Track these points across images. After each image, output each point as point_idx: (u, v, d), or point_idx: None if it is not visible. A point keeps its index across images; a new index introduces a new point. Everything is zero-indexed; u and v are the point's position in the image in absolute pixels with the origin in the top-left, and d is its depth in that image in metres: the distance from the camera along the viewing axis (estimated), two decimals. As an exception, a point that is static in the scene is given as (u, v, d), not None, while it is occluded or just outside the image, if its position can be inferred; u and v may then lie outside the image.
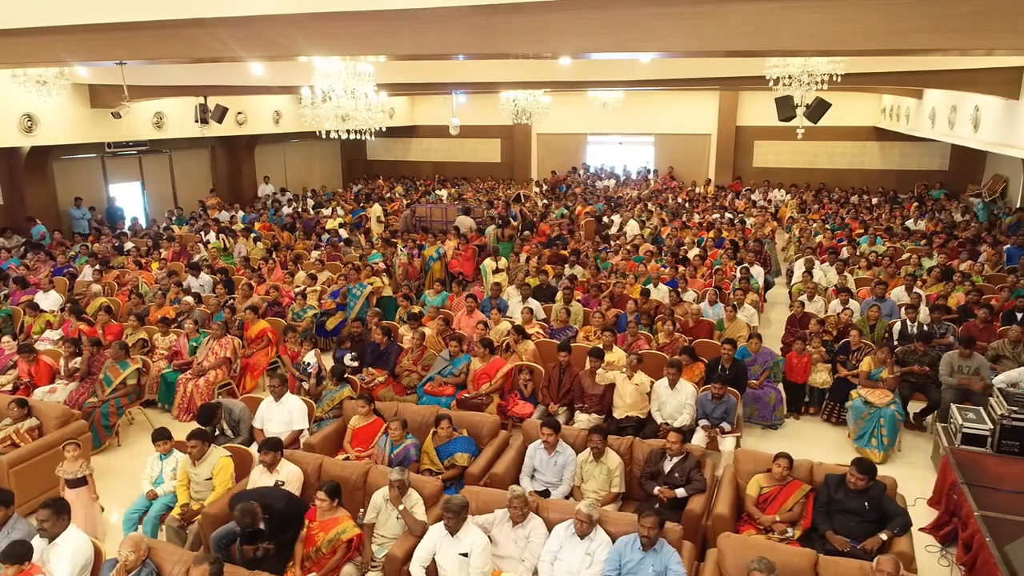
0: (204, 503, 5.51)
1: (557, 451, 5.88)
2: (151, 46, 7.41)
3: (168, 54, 6.67)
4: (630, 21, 4.38)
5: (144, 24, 7.12)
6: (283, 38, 6.91)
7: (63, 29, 7.48)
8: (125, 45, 7.57)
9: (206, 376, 8.29)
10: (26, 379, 7.91)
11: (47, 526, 4.44)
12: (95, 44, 7.70)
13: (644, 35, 4.41)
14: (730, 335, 8.71)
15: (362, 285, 10.44)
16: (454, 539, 4.65)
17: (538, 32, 4.76)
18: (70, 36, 7.61)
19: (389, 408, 6.70)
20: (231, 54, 6.29)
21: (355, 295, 10.36)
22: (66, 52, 7.82)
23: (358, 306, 10.17)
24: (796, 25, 4.94)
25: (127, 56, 7.80)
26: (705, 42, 4.34)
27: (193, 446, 5.53)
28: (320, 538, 4.91)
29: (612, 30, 4.50)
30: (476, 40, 4.99)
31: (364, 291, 10.37)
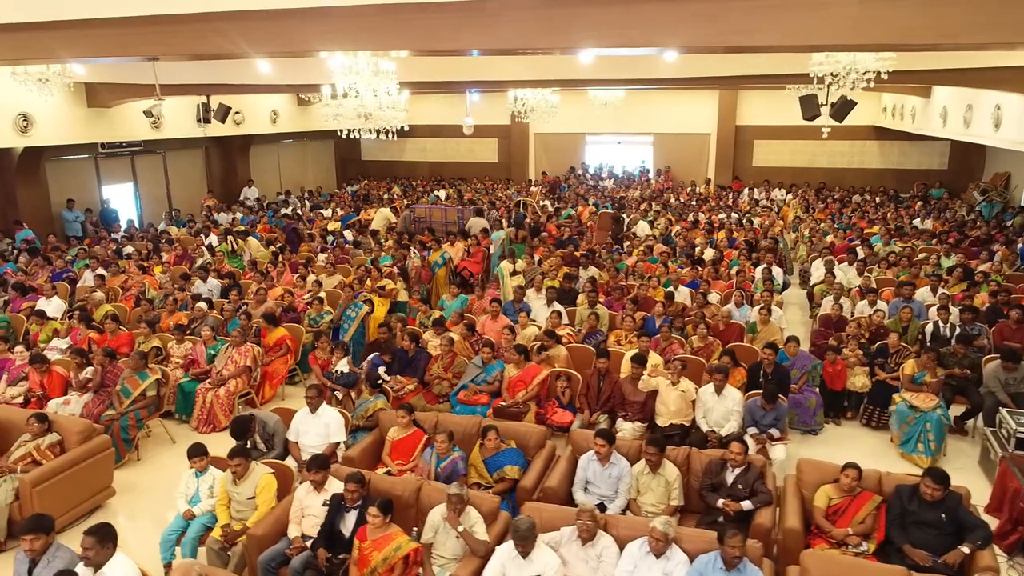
0: (247, 523, 5.23)
1: (611, 463, 5.66)
2: (168, 42, 7.13)
3: (202, 49, 6.38)
4: (717, 14, 4.17)
5: (160, 19, 6.85)
6: (336, 33, 6.66)
7: (64, 24, 7.17)
8: (133, 41, 7.27)
9: (226, 386, 7.99)
10: (38, 391, 7.56)
11: (91, 554, 4.14)
12: (99, 41, 7.39)
13: (732, 29, 4.20)
14: (764, 339, 8.56)
15: (357, 305, 9.48)
16: (526, 561, 4.41)
17: (615, 25, 4.54)
18: (72, 32, 7.30)
19: (428, 419, 6.44)
20: (317, 49, 5.99)
21: (349, 316, 9.41)
22: (66, 49, 7.48)
23: (352, 328, 9.29)
24: (859, 20, 4.77)
25: (136, 53, 7.47)
26: (795, 36, 4.13)
27: (237, 464, 5.25)
28: (374, 558, 4.64)
29: (697, 23, 4.28)
30: (547, 34, 4.75)
31: (360, 312, 9.41)
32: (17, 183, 14.28)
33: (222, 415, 7.94)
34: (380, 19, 6.41)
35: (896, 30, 3.93)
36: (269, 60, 10.83)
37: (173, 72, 12.36)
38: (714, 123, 21.82)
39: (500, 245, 12.91)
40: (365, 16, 6.44)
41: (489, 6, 4.66)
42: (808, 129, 21.13)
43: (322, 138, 23.96)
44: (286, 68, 11.40)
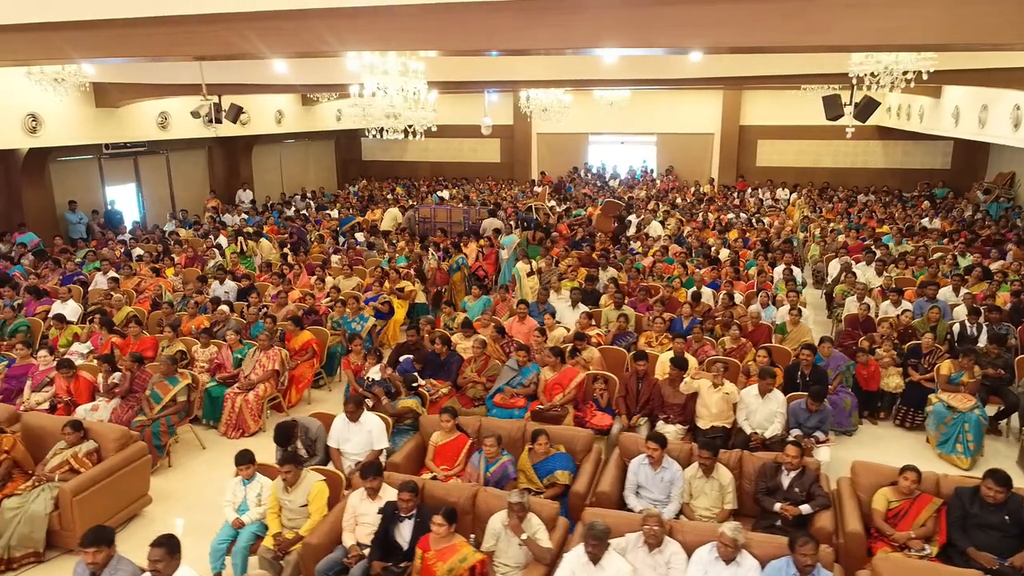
0: (299, 531, 5.13)
1: (663, 467, 5.60)
2: (197, 43, 7.02)
3: (232, 50, 6.28)
4: (800, 13, 4.11)
5: (189, 19, 6.74)
6: (366, 33, 6.58)
7: (81, 25, 7.05)
8: (158, 42, 7.15)
9: (255, 390, 7.87)
10: (65, 397, 7.41)
11: (160, 567, 4.03)
12: (116, 40, 7.26)
13: (814, 27, 4.14)
14: (795, 339, 8.55)
15: (363, 318, 9.21)
16: (596, 568, 4.34)
17: (696, 24, 4.47)
18: (88, 32, 7.17)
19: (470, 423, 6.37)
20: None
21: (355, 331, 9.03)
22: (80, 49, 7.34)
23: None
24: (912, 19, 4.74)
25: (157, 53, 7.33)
26: (881, 34, 4.08)
27: (288, 471, 5.14)
28: (439, 568, 4.56)
29: (780, 22, 4.22)
30: (625, 33, 4.68)
31: (366, 325, 9.16)
32: (22, 184, 14.05)
33: (251, 420, 7.83)
34: (410, 19, 6.38)
35: (984, 30, 3.89)
36: (286, 60, 10.72)
37: (184, 72, 12.21)
38: (718, 123, 21.85)
39: (513, 250, 12.72)
40: (395, 16, 6.39)
41: (564, 5, 4.59)
42: (812, 129, 21.37)
43: (323, 138, 23.80)
44: (303, 68, 11.27)
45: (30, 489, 5.82)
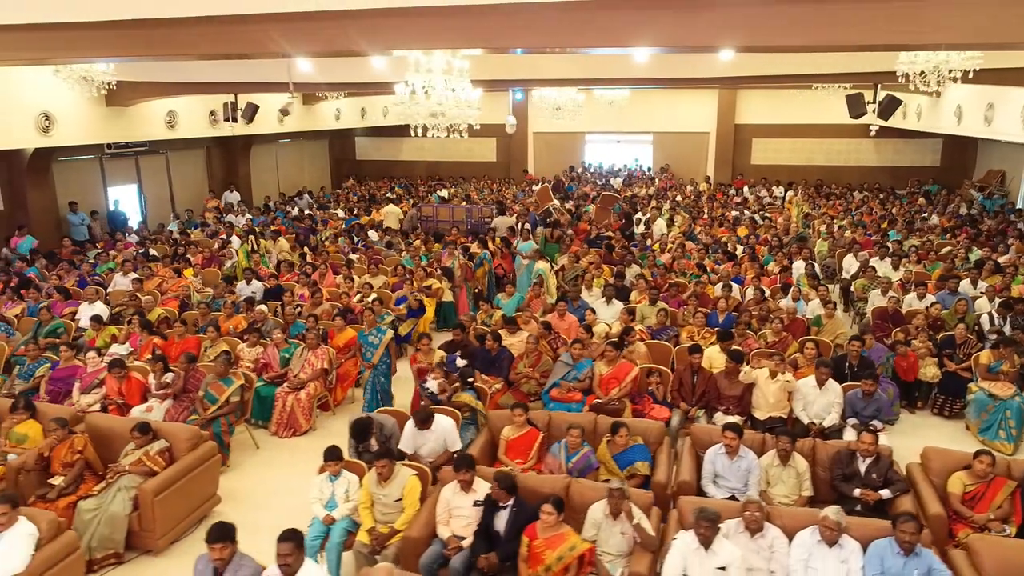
0: (395, 525, 5.17)
1: (740, 456, 5.74)
2: (241, 40, 7.01)
3: (280, 49, 6.31)
4: (916, 14, 4.26)
5: (228, 19, 6.75)
6: (412, 32, 6.64)
7: (107, 24, 7.01)
8: (184, 41, 7.14)
9: (306, 389, 7.86)
10: (116, 398, 7.33)
11: (291, 560, 4.05)
12: (144, 40, 7.22)
13: (929, 27, 4.30)
14: (830, 332, 8.77)
15: (380, 330, 8.40)
16: (708, 552, 4.45)
17: (812, 23, 4.62)
18: (115, 32, 7.13)
19: (540, 417, 6.44)
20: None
21: (372, 344, 8.30)
22: (107, 49, 7.34)
23: (377, 355, 8.15)
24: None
25: (183, 53, 7.34)
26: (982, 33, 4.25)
27: (383, 465, 5.18)
28: (548, 556, 4.64)
29: (876, 23, 4.37)
30: (745, 32, 4.83)
31: (384, 338, 8.31)
32: (27, 184, 13.78)
33: (303, 419, 7.82)
34: (455, 19, 6.46)
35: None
36: (312, 59, 10.68)
37: (195, 71, 12.08)
38: (713, 122, 22.17)
39: (532, 257, 12.53)
40: (440, 16, 6.47)
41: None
42: (806, 127, 21.77)
43: (317, 138, 23.66)
44: (326, 66, 11.23)
45: (105, 489, 5.78)
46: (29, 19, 7.06)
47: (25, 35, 7.34)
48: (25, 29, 7.24)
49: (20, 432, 6.35)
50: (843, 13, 4.93)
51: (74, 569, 5.00)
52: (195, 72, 12.30)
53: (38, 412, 6.50)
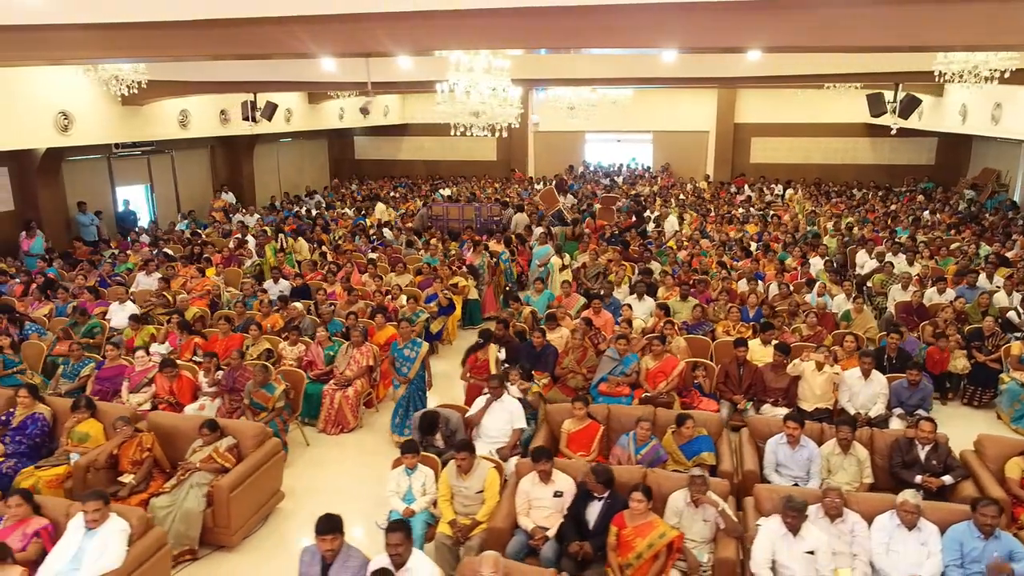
0: (476, 517, 5.26)
1: (801, 445, 5.90)
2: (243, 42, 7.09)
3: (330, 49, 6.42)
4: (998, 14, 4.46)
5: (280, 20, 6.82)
6: (460, 32, 6.73)
7: (142, 25, 7.07)
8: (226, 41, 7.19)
9: (353, 386, 7.91)
10: (166, 397, 7.33)
11: (401, 550, 4.13)
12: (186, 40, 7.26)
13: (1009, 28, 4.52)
14: (859, 326, 8.99)
15: (416, 343, 7.80)
16: (796, 538, 4.60)
17: (903, 24, 4.80)
18: (145, 32, 7.19)
19: (598, 411, 6.56)
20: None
21: (408, 357, 7.68)
22: (145, 49, 7.39)
23: (414, 369, 7.63)
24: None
25: (215, 53, 7.39)
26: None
27: (463, 458, 5.27)
28: (638, 544, 4.76)
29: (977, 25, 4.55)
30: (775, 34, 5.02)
31: (420, 351, 7.74)
32: (38, 184, 13.65)
33: (351, 415, 7.87)
34: (503, 19, 6.59)
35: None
36: (336, 58, 10.71)
37: (210, 70, 12.03)
38: (713, 121, 22.43)
39: (546, 264, 12.54)
40: (483, 16, 6.59)
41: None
42: (803, 126, 22.09)
43: (316, 137, 23.59)
44: (349, 65, 11.26)
45: (177, 486, 5.81)
46: (71, 19, 7.07)
47: (65, 35, 7.36)
48: (67, 29, 7.25)
49: (82, 431, 6.35)
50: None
51: (162, 565, 5.04)
52: (220, 71, 12.23)
53: (98, 411, 6.51)
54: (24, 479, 5.98)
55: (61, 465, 6.14)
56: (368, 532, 5.89)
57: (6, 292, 10.58)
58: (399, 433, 7.45)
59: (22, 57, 7.74)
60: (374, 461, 7.33)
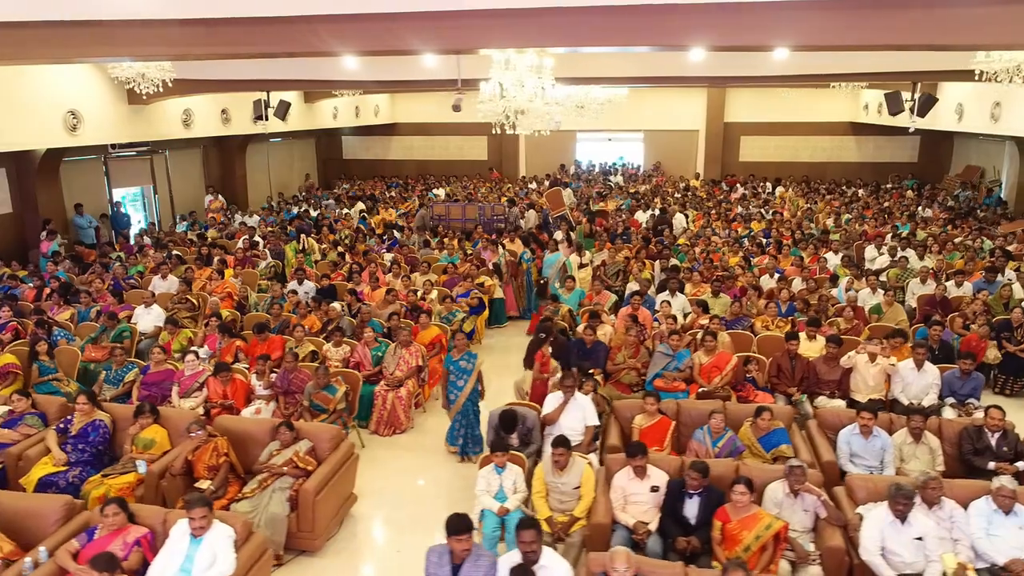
0: (573, 513, 5.27)
1: (874, 435, 6.04)
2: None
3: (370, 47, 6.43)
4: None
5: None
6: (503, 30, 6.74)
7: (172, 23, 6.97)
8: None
9: (405, 386, 7.86)
10: (219, 401, 7.19)
11: (535, 547, 4.13)
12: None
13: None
14: (891, 319, 9.21)
15: (471, 355, 7.44)
16: (905, 525, 4.71)
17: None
18: (178, 30, 7.07)
19: (667, 406, 6.62)
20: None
21: (464, 369, 7.30)
22: (171, 46, 7.25)
23: (471, 383, 7.22)
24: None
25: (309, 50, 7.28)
26: None
27: (561, 454, 5.28)
28: (745, 537, 4.82)
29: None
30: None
31: (476, 362, 7.40)
32: (37, 186, 13.24)
33: (404, 417, 7.82)
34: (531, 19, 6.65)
35: None
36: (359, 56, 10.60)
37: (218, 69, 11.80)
38: (703, 120, 22.71)
39: (558, 269, 12.48)
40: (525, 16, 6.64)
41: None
42: (791, 125, 22.50)
43: (305, 137, 23.30)
44: (374, 64, 11.15)
45: (257, 490, 5.71)
46: (92, 16, 6.90)
47: (88, 31, 7.16)
48: (89, 25, 7.06)
49: (147, 437, 6.21)
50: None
51: (265, 571, 4.95)
52: (212, 70, 12.01)
53: (161, 416, 6.36)
54: (93, 488, 5.82)
55: (129, 473, 5.98)
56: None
57: (20, 296, 10.23)
58: (453, 443, 7.35)
59: (45, 55, 7.49)
60: (433, 463, 7.32)
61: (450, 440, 7.38)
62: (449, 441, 7.39)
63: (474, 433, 7.20)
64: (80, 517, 5.07)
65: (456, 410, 7.14)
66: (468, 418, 7.19)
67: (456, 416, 7.21)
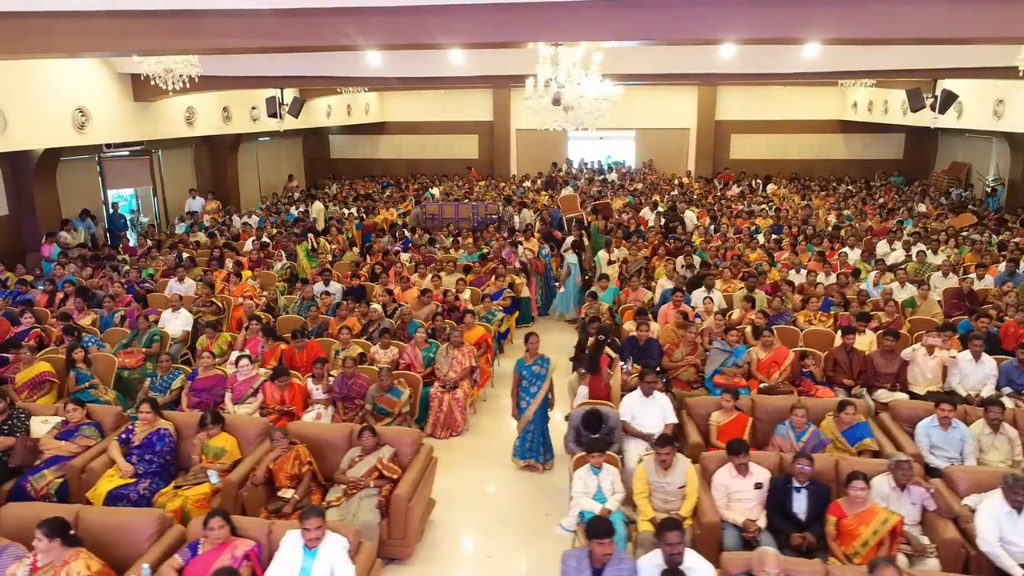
0: (679, 513, 5.20)
1: (952, 427, 6.09)
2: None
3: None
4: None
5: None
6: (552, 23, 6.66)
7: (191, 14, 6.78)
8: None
9: (461, 387, 7.71)
10: (276, 406, 6.95)
11: (680, 548, 4.05)
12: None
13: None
14: (925, 313, 9.35)
15: (544, 359, 7.01)
16: (1021, 515, 4.74)
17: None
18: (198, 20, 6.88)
19: (742, 402, 6.59)
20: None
21: (537, 375, 6.91)
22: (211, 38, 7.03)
23: (544, 389, 6.88)
24: None
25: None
26: None
27: (667, 453, 5.21)
28: (862, 532, 4.80)
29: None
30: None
31: (549, 367, 7.02)
32: (34, 187, 12.72)
33: (461, 418, 7.67)
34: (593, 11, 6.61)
35: None
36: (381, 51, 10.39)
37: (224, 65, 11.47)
38: (694, 118, 22.88)
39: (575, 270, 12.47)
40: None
41: None
42: (781, 123, 22.79)
43: (292, 136, 22.84)
44: (398, 60, 10.93)
45: (343, 498, 5.53)
46: (115, 6, 6.64)
47: (110, 22, 6.89)
48: (111, 16, 6.80)
49: (216, 446, 5.96)
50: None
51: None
52: (217, 66, 11.67)
53: (227, 424, 6.12)
54: (167, 500, 5.57)
55: (202, 483, 5.74)
56: (533, 537, 5.80)
57: (33, 302, 9.78)
58: (523, 457, 7.07)
59: (60, 46, 7.15)
60: (495, 465, 7.20)
61: (519, 454, 7.06)
62: (519, 456, 7.06)
63: (545, 440, 7.02)
64: (172, 531, 4.83)
65: (527, 419, 6.82)
66: (540, 426, 6.96)
67: (528, 428, 6.92)
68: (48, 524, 4.26)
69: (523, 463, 7.08)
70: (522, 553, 5.74)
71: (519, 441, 7.08)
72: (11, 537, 4.63)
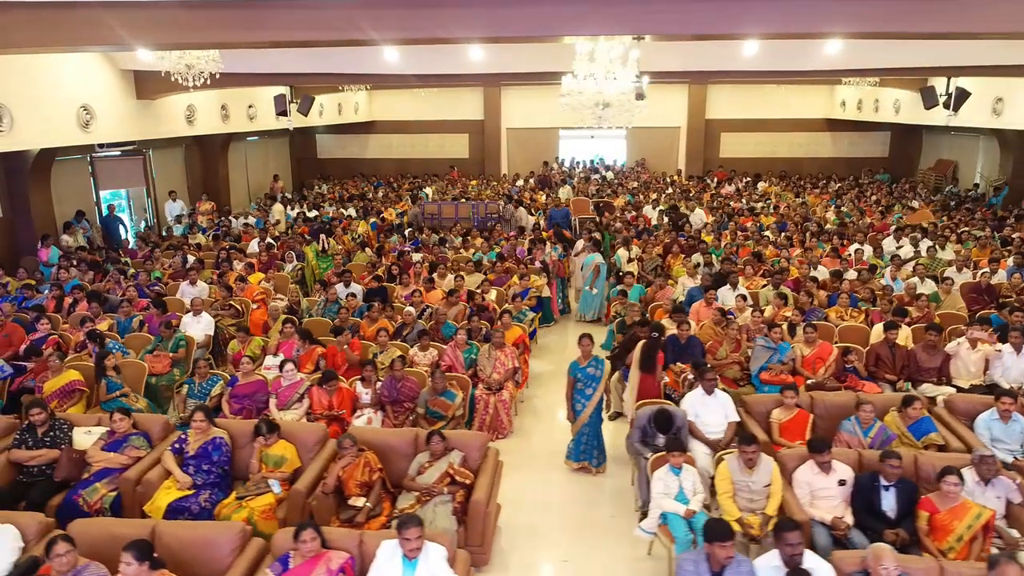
0: (765, 511, 5.15)
1: (1013, 420, 6.15)
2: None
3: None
4: None
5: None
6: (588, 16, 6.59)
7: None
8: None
9: (506, 389, 7.58)
10: (324, 411, 6.75)
11: (801, 550, 3.98)
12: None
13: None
14: (949, 307, 9.47)
15: (599, 361, 6.87)
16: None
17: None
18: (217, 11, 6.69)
19: (801, 399, 6.58)
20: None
21: (593, 376, 6.73)
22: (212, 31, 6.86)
23: (599, 391, 6.73)
24: None
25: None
26: None
27: (753, 452, 5.15)
28: (956, 527, 4.80)
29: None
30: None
31: (604, 368, 6.90)
32: (29, 188, 12.24)
33: (507, 420, 7.55)
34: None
35: None
36: (399, 48, 10.22)
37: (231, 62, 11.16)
38: (684, 117, 23.00)
39: (592, 270, 12.31)
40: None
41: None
42: (769, 122, 23.04)
43: (279, 136, 22.43)
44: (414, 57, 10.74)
45: (415, 505, 5.37)
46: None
47: (133, 13, 6.65)
48: (118, 7, 6.55)
49: (275, 455, 5.75)
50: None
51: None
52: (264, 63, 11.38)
53: (284, 431, 5.91)
54: (231, 512, 5.35)
55: (264, 493, 5.53)
56: (604, 540, 5.74)
57: (43, 306, 9.40)
58: (577, 460, 6.95)
59: (69, 39, 6.86)
60: (545, 467, 7.09)
61: (573, 457, 6.94)
62: (572, 458, 6.95)
63: (599, 443, 6.92)
64: (253, 544, 4.63)
65: (582, 422, 6.71)
66: (594, 428, 6.85)
67: (583, 432, 6.80)
68: (137, 547, 4.04)
69: (576, 465, 6.97)
70: (596, 556, 5.64)
71: (573, 443, 6.96)
72: (81, 555, 4.40)
